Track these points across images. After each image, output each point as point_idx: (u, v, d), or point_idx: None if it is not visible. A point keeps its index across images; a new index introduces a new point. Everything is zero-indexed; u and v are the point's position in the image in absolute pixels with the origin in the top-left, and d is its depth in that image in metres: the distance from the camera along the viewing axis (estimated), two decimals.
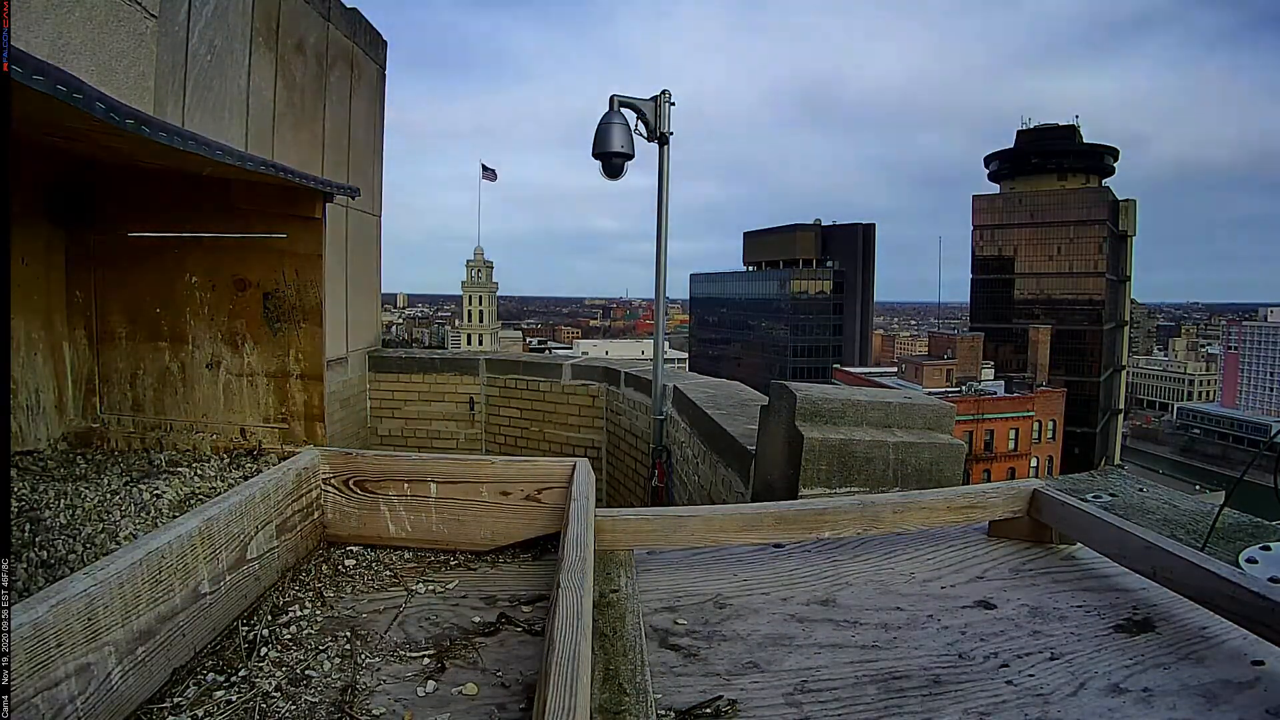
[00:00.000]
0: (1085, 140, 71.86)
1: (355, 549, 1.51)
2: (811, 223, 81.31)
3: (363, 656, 1.11)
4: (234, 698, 0.99)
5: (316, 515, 1.50)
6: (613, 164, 5.17)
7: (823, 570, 1.43)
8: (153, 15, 3.20)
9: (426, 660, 1.11)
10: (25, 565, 1.89)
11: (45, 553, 1.98)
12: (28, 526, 2.09)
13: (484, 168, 47.22)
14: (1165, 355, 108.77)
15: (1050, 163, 71.12)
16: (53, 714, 0.80)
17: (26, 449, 2.83)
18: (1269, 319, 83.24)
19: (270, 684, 1.02)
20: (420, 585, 1.37)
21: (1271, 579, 1.40)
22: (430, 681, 1.05)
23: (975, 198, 73.90)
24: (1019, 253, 70.00)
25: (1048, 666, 1.08)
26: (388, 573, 1.42)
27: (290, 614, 1.23)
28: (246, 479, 1.63)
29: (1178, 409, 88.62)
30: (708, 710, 0.98)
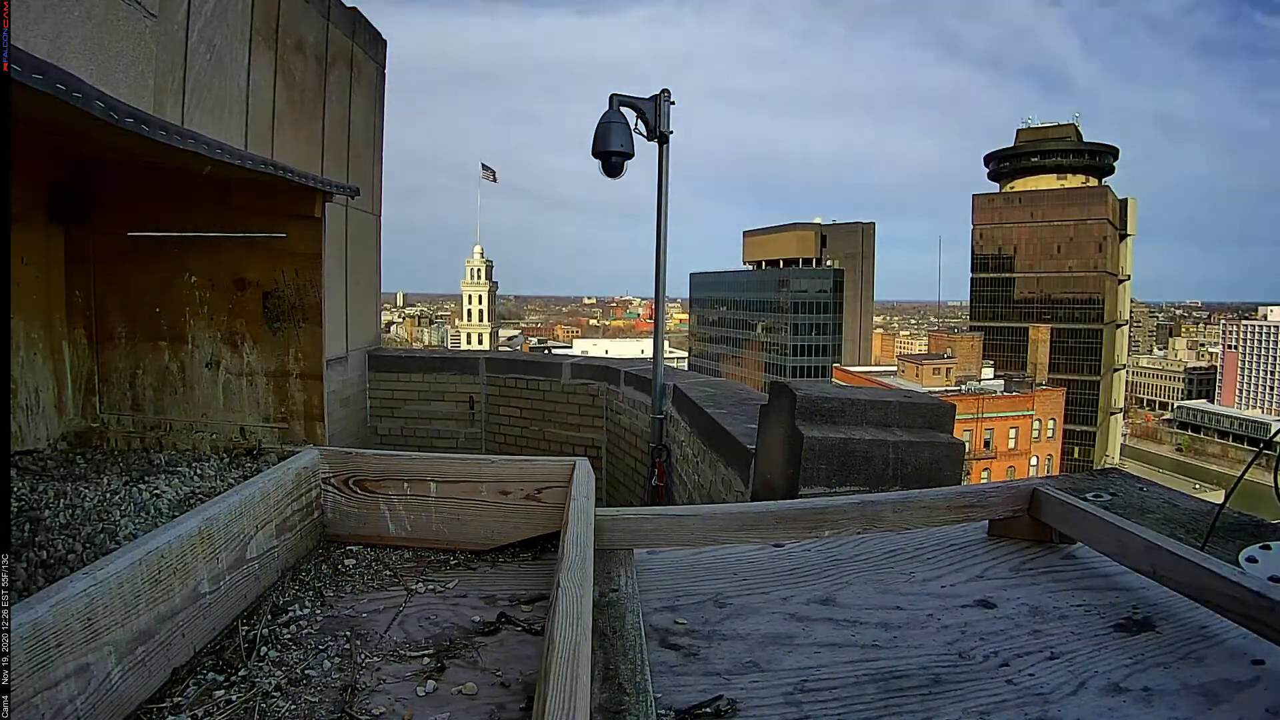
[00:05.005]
0: (1085, 139, 71.89)
1: (355, 549, 1.51)
2: (811, 222, 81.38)
3: (362, 656, 1.11)
4: (234, 698, 0.99)
5: (316, 515, 1.50)
6: (612, 163, 5.18)
7: (823, 569, 1.43)
8: (152, 15, 3.20)
9: (426, 660, 1.11)
10: (25, 565, 1.90)
11: (45, 553, 1.98)
12: (28, 526, 2.09)
13: (484, 167, 47.46)
14: (1165, 354, 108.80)
15: (1050, 162, 71.14)
16: (52, 714, 0.80)
17: (26, 449, 2.83)
18: (1269, 318, 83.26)
19: (270, 684, 1.02)
20: (420, 585, 1.37)
21: (1271, 578, 1.40)
22: (430, 681, 1.05)
23: (975, 196, 73.99)
24: (1019, 252, 70.01)
25: (1048, 666, 1.08)
26: (388, 572, 1.42)
27: (290, 614, 1.23)
28: (246, 478, 1.63)
29: (1177, 407, 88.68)
30: (708, 710, 0.98)
